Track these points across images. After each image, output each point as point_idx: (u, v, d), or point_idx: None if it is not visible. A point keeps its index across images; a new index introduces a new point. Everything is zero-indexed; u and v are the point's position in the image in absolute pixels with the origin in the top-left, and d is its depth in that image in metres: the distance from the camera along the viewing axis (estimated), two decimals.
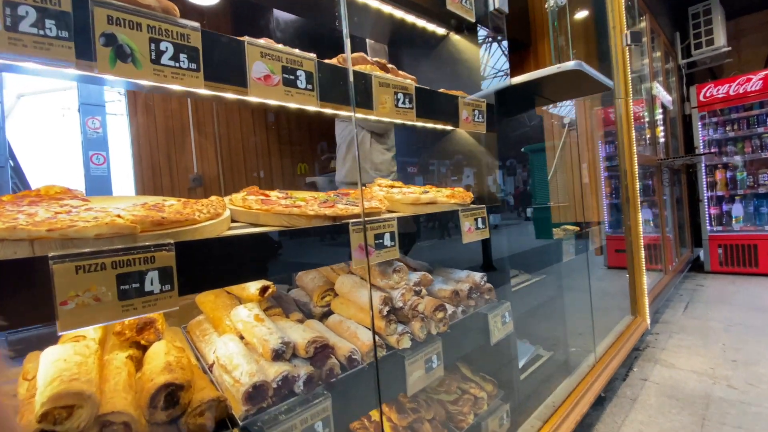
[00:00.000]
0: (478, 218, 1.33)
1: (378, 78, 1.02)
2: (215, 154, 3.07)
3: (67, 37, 0.58)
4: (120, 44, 0.63)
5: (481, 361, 1.56)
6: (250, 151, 3.65)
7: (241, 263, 0.77)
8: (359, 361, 1.02)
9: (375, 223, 1.01)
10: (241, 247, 0.78)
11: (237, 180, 3.19)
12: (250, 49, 0.78)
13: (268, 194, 1.10)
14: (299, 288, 1.39)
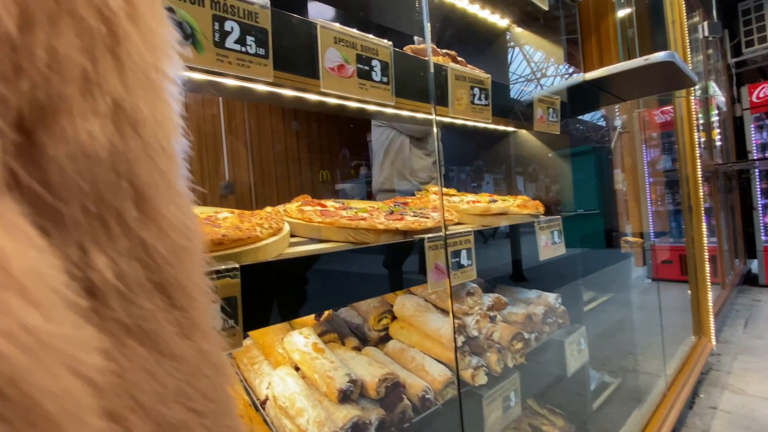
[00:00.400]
0: (555, 231, 1.17)
1: (454, 70, 0.88)
2: (247, 161, 3.00)
3: None
4: (179, 21, 0.51)
5: (549, 393, 1.37)
6: (280, 159, 3.58)
7: (318, 288, 0.64)
8: (432, 400, 0.86)
9: (451, 239, 0.86)
10: (314, 269, 0.65)
11: (268, 188, 3.11)
12: (323, 33, 0.65)
13: (324, 204, 0.97)
14: (349, 307, 1.25)
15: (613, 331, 2.10)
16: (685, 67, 1.25)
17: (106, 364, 0.15)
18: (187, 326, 0.20)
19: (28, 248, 0.14)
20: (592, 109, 1.66)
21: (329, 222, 0.80)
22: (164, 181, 0.19)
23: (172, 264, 0.19)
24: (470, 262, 0.90)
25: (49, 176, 0.15)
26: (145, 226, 0.18)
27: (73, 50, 0.15)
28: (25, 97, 0.15)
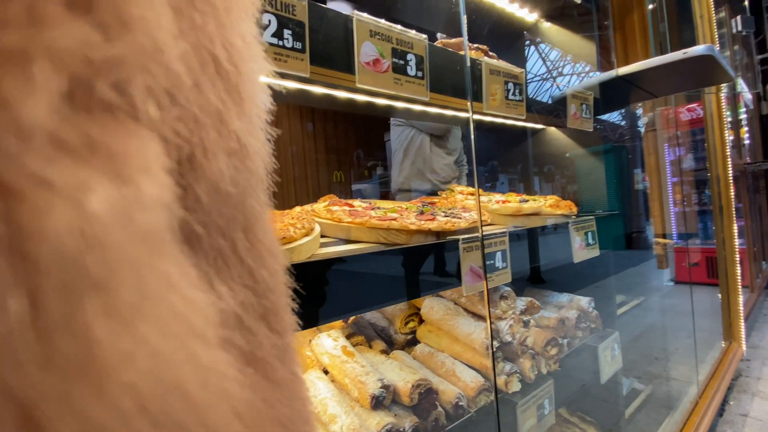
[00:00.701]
0: (589, 232, 1.12)
1: (489, 65, 0.85)
2: None
3: None
4: None
5: (580, 400, 1.32)
6: (298, 160, 3.58)
7: (352, 291, 0.61)
8: (465, 408, 0.83)
9: (486, 240, 0.82)
10: (346, 271, 0.63)
11: (285, 188, 3.11)
12: (359, 26, 0.62)
13: (352, 204, 0.95)
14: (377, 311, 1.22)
15: (641, 336, 2.03)
16: (723, 61, 1.19)
17: (245, 395, 0.16)
18: (283, 350, 0.19)
19: (196, 290, 0.14)
20: (621, 105, 1.60)
21: (359, 222, 0.78)
22: (261, 207, 0.19)
23: (272, 289, 0.19)
24: (505, 265, 0.86)
25: (194, 214, 0.16)
26: (252, 254, 0.18)
27: (212, 92, 0.16)
28: (186, 138, 0.15)
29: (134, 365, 0.11)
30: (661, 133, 3.19)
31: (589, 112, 1.17)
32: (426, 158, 2.12)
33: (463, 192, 1.30)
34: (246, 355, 0.17)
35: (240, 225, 0.18)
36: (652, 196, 3.57)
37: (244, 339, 0.17)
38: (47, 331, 0.10)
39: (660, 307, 3.06)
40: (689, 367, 2.01)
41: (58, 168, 0.11)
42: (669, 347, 2.33)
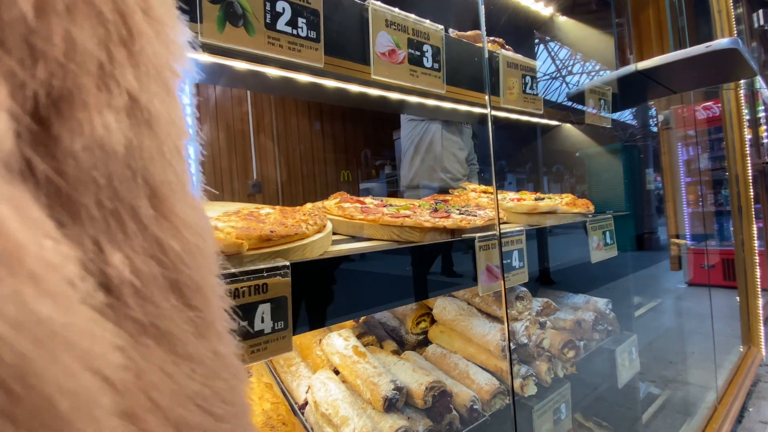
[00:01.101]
0: (606, 231, 1.09)
1: (506, 57, 0.82)
2: (274, 161, 3.00)
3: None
4: (230, 1, 0.47)
5: (597, 405, 1.29)
6: (306, 158, 3.58)
7: (364, 289, 0.59)
8: (480, 411, 0.80)
9: (504, 238, 0.80)
10: (359, 269, 0.61)
11: (294, 187, 3.10)
12: (375, 15, 0.60)
13: (363, 201, 0.93)
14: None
15: (656, 339, 1.98)
16: (747, 55, 1.15)
17: (124, 361, 0.15)
18: (203, 327, 0.19)
19: (42, 237, 0.13)
20: (639, 102, 1.56)
21: (372, 219, 0.76)
22: (178, 180, 0.19)
23: (187, 263, 0.18)
24: (522, 264, 0.83)
25: (64, 168, 0.15)
26: (160, 224, 0.18)
27: (89, 41, 0.15)
28: (42, 85, 0.14)
29: None
30: (675, 131, 3.12)
31: (607, 107, 1.13)
32: (437, 155, 2.09)
33: (475, 190, 1.27)
34: (142, 326, 0.16)
35: (143, 193, 0.17)
36: (667, 196, 3.49)
37: (140, 308, 0.16)
38: None
39: (675, 309, 2.99)
40: (706, 371, 1.95)
41: None
42: (685, 351, 2.27)
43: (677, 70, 1.29)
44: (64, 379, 0.12)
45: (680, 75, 1.31)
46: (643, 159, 3.31)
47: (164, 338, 0.17)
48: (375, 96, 0.85)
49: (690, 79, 1.38)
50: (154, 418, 0.16)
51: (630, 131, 2.52)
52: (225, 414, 0.19)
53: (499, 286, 0.76)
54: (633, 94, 1.50)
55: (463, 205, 1.05)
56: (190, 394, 0.18)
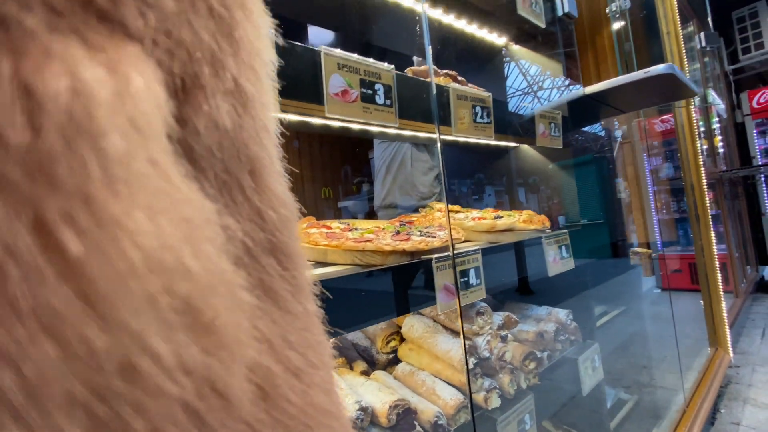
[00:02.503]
0: (563, 245, 1.15)
1: (456, 90, 0.89)
2: None
3: None
4: None
5: (565, 412, 1.33)
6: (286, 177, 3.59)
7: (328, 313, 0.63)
8: (445, 426, 0.84)
9: (459, 258, 0.85)
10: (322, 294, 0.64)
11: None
12: (327, 59, 0.66)
13: (330, 226, 0.97)
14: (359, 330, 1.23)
15: (627, 345, 2.05)
16: (684, 78, 1.26)
17: (255, 303, 0.17)
18: (297, 288, 0.21)
19: (194, 192, 0.15)
20: (592, 121, 1.67)
21: (335, 245, 0.80)
22: (268, 156, 0.21)
23: (281, 231, 0.21)
24: (479, 281, 0.88)
25: (193, 145, 0.17)
26: (259, 195, 0.20)
27: (206, 32, 0.17)
28: (180, 69, 0.16)
29: (136, 223, 0.12)
30: (637, 144, 3.30)
31: (557, 130, 1.21)
32: (407, 174, 2.16)
33: (441, 210, 1.32)
34: (254, 280, 0.19)
35: (245, 167, 0.19)
36: (635, 204, 3.65)
37: (252, 265, 0.19)
38: (49, 157, 0.11)
39: (646, 314, 3.09)
40: (676, 375, 2.03)
41: (56, 38, 0.12)
42: (656, 356, 2.35)
43: (623, 93, 1.40)
44: (222, 308, 0.15)
45: (626, 97, 1.42)
46: (612, 169, 3.47)
47: (270, 293, 0.20)
48: (336, 126, 0.90)
49: (636, 100, 1.49)
50: (269, 358, 0.18)
51: (600, 143, 2.65)
52: (318, 363, 0.21)
53: (456, 303, 0.81)
54: (588, 114, 1.61)
55: (427, 225, 1.10)
56: (292, 342, 0.20)
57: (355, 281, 0.76)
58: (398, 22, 1.26)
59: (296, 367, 0.20)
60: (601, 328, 1.74)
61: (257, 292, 0.19)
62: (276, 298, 0.20)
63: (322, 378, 0.22)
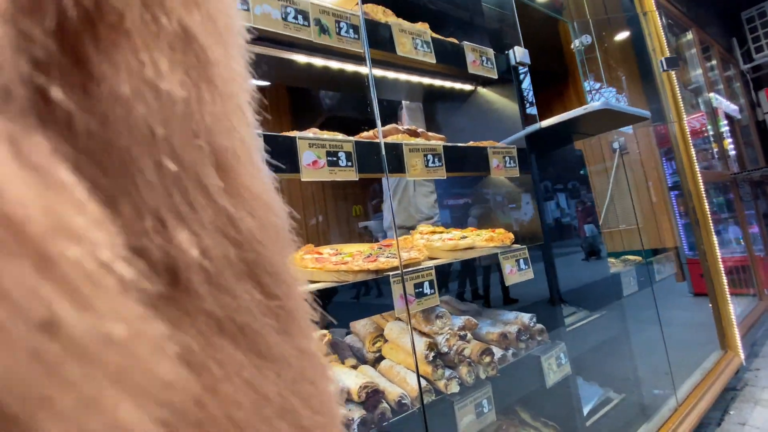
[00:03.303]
0: (520, 259, 1.37)
1: (408, 145, 1.16)
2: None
3: None
4: None
5: (541, 405, 1.52)
6: (308, 200, 3.99)
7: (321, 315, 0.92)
8: (409, 405, 1.08)
9: (414, 273, 1.11)
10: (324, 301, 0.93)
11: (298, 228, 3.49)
12: (300, 142, 0.96)
13: (321, 252, 1.26)
14: (353, 334, 1.50)
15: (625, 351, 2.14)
16: (625, 109, 1.45)
17: (188, 376, 0.11)
18: (286, 320, 0.16)
19: (63, 205, 0.09)
20: (566, 143, 1.87)
21: (319, 267, 1.09)
22: (244, 147, 0.16)
23: (263, 243, 0.16)
24: (433, 291, 1.13)
25: (110, 115, 0.11)
26: (230, 197, 0.15)
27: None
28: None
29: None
30: (656, 150, 3.36)
31: (513, 161, 1.45)
32: (410, 198, 2.43)
33: (422, 232, 1.58)
34: (216, 321, 0.13)
35: (208, 160, 0.14)
36: (660, 209, 3.67)
37: (213, 299, 0.13)
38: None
39: (679, 320, 3.06)
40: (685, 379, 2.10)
41: None
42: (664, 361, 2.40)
43: (580, 123, 1.61)
44: (86, 418, 0.09)
45: (585, 125, 1.63)
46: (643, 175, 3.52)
47: (243, 336, 0.14)
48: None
49: (595, 126, 1.69)
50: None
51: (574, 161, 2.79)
52: (314, 426, 0.16)
53: (411, 308, 1.07)
54: (555, 140, 1.82)
55: (404, 248, 1.37)
56: (277, 407, 0.14)
57: (343, 293, 1.04)
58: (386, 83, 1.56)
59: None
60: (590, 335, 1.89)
61: (220, 341, 0.13)
62: (253, 341, 0.14)
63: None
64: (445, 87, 1.64)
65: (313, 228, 3.95)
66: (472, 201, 1.97)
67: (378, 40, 1.19)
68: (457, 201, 2.51)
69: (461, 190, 2.12)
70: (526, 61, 1.56)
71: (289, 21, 1.02)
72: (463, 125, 1.81)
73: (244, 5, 0.95)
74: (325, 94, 3.05)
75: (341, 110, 3.25)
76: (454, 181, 2.22)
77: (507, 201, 1.67)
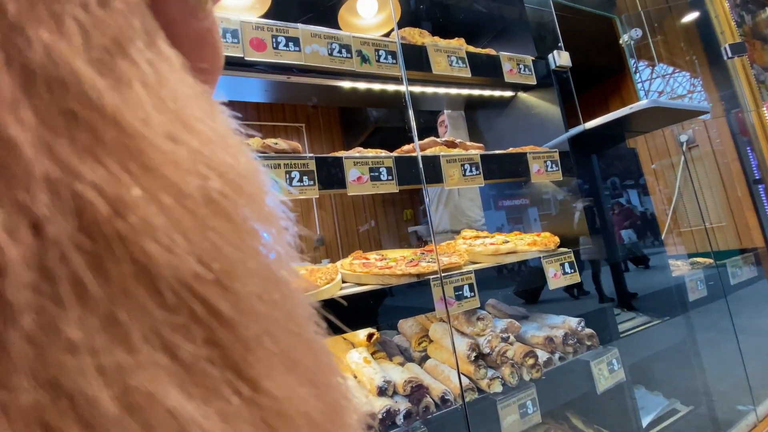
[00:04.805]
0: (565, 263, 1.38)
1: (445, 157, 1.24)
2: (332, 217, 3.65)
3: None
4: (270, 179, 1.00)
5: (593, 411, 1.49)
6: (359, 207, 4.18)
7: (352, 315, 1.04)
8: (452, 401, 1.16)
9: (453, 277, 1.18)
10: (350, 303, 1.06)
11: (351, 235, 3.70)
12: (346, 161, 1.09)
13: (368, 257, 1.38)
14: (401, 334, 1.60)
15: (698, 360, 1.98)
16: (676, 104, 1.38)
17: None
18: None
19: None
20: (618, 142, 1.81)
21: (366, 271, 1.21)
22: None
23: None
24: (473, 294, 1.20)
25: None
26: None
27: None
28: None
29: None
30: (739, 138, 3.05)
31: (555, 165, 1.46)
32: (456, 203, 2.48)
33: (465, 237, 1.64)
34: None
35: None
36: (745, 206, 3.32)
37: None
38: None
39: (756, 330, 2.77)
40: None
41: None
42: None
43: (629, 121, 1.56)
44: None
45: (635, 123, 1.58)
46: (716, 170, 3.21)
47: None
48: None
49: (646, 123, 1.62)
50: None
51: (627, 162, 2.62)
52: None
53: (451, 310, 1.14)
54: (606, 140, 1.77)
55: (446, 253, 1.44)
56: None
57: (383, 295, 1.15)
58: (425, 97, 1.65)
59: None
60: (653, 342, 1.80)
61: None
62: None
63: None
64: (484, 96, 1.69)
65: (365, 234, 4.13)
66: (522, 205, 1.97)
67: (414, 61, 1.29)
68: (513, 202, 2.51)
69: (512, 191, 2.13)
70: (567, 64, 1.56)
71: (334, 56, 1.16)
72: (505, 130, 1.84)
73: (296, 47, 1.11)
74: (371, 110, 3.21)
75: (387, 122, 3.39)
76: (504, 185, 2.23)
77: (553, 204, 1.66)
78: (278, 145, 1.07)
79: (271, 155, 1.02)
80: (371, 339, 1.34)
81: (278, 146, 1.07)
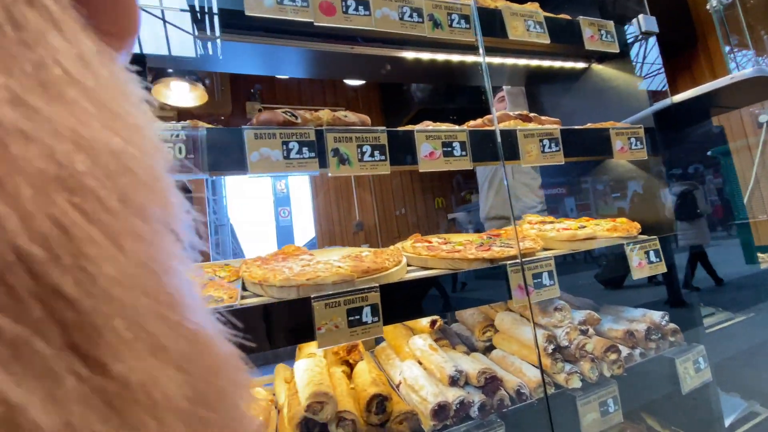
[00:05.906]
0: (650, 251, 1.24)
1: (523, 131, 1.13)
2: (371, 202, 3.61)
3: (314, 156, 0.91)
4: (341, 153, 0.93)
5: (674, 412, 1.36)
6: (398, 192, 4.11)
7: (426, 300, 0.97)
8: (528, 395, 1.07)
9: (533, 263, 1.08)
10: (425, 287, 0.99)
11: (389, 220, 3.65)
12: (418, 135, 1.01)
13: (431, 240, 1.30)
14: (459, 323, 1.52)
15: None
16: None
17: None
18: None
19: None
20: (703, 119, 1.62)
21: (433, 255, 1.13)
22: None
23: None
24: (552, 282, 1.10)
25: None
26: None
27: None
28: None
29: None
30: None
31: (640, 143, 1.31)
32: (511, 187, 2.34)
33: (531, 222, 1.53)
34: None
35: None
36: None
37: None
38: None
39: None
40: None
41: None
42: None
43: (720, 95, 1.38)
44: None
45: (727, 98, 1.39)
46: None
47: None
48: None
49: (740, 98, 1.42)
50: None
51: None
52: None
53: (531, 300, 1.05)
54: (690, 116, 1.59)
55: (510, 237, 1.34)
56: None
57: (444, 281, 1.07)
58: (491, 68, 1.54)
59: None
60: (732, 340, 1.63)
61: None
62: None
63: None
64: (553, 67, 1.54)
65: (402, 219, 4.06)
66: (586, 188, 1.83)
67: (489, 26, 1.18)
68: (557, 191, 2.35)
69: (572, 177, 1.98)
70: (654, 30, 1.39)
71: (405, 20, 1.06)
72: (573, 107, 1.69)
73: (366, 11, 1.02)
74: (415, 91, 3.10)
75: (431, 103, 3.27)
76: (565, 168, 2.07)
77: (628, 188, 1.51)
78: (348, 117, 1.00)
79: (342, 128, 0.95)
80: (434, 326, 1.27)
81: (348, 119, 1.00)
